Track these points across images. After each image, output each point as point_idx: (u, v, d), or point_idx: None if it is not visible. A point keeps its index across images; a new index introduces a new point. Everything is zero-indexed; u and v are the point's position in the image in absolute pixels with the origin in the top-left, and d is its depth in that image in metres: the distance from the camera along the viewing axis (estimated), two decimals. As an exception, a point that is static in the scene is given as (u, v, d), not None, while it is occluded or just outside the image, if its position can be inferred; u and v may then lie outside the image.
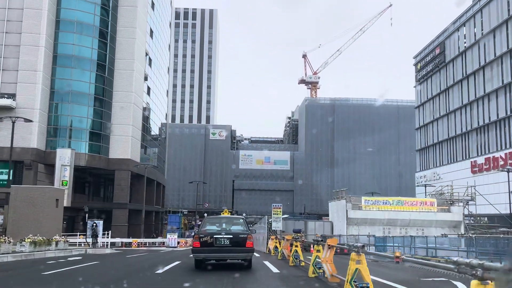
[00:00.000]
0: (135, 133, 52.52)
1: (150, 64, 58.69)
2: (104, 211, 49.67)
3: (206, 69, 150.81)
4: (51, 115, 47.22)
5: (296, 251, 16.14)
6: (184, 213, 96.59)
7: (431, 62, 67.01)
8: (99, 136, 49.45)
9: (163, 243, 43.96)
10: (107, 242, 38.53)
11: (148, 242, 44.60)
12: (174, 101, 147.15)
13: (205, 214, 79.34)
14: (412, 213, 35.30)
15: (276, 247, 22.33)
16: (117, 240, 41.14)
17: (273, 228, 27.44)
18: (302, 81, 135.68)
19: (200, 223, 66.68)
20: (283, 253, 19.72)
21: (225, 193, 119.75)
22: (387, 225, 33.43)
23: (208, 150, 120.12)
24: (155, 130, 63.64)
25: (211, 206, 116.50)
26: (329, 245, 10.84)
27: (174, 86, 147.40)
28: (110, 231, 41.71)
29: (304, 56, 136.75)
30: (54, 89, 47.68)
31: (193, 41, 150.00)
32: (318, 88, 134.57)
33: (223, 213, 49.15)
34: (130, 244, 41.05)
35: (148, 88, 58.83)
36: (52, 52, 47.41)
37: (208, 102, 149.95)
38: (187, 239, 46.15)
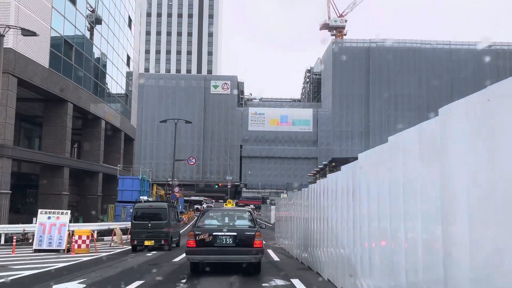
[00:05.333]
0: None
1: None
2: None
3: (207, 14, 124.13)
4: None
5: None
6: (177, 184, 71.83)
7: None
8: None
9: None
10: None
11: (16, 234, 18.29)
12: (168, 52, 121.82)
13: (204, 206, 58.38)
14: None
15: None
16: None
17: None
18: (324, 26, 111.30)
19: (178, 190, 41.27)
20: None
21: (231, 162, 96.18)
22: None
23: (209, 108, 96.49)
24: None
25: (213, 178, 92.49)
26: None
27: (168, 34, 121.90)
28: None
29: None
30: None
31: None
32: (345, 35, 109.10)
33: (226, 205, 44.52)
34: None
35: None
36: None
37: (210, 53, 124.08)
38: (120, 223, 20.10)
